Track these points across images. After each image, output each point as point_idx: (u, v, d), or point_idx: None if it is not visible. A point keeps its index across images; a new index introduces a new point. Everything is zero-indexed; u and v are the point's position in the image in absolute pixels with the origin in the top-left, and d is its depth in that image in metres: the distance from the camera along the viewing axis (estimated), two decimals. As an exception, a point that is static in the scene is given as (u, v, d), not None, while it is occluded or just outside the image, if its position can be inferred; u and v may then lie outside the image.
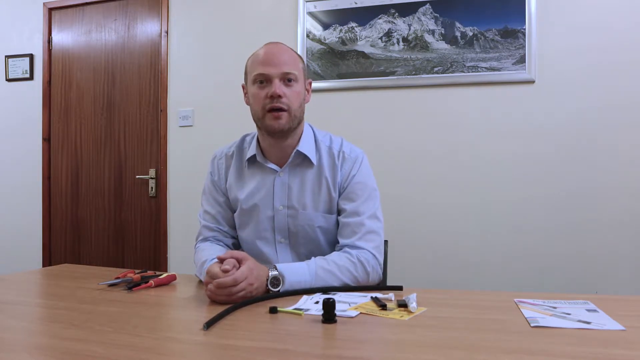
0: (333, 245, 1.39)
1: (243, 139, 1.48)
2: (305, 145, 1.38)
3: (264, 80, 1.30)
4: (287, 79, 1.30)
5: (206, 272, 1.13)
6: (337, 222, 1.38)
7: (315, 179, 1.38)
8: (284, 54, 1.31)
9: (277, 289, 1.14)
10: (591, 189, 2.41)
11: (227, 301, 1.07)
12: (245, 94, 1.38)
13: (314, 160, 1.37)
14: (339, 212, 1.37)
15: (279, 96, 1.27)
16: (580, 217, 2.42)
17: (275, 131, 1.31)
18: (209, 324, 0.90)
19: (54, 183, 3.39)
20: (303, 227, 1.37)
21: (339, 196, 1.38)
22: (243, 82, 1.40)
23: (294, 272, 1.18)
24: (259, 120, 1.34)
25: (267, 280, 1.14)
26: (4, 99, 3.47)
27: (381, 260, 1.33)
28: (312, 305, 1.05)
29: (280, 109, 1.29)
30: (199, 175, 3.03)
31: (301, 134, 1.39)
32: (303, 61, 1.38)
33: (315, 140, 1.42)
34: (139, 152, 3.20)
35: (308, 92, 1.39)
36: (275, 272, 1.16)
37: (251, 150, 1.41)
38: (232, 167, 1.44)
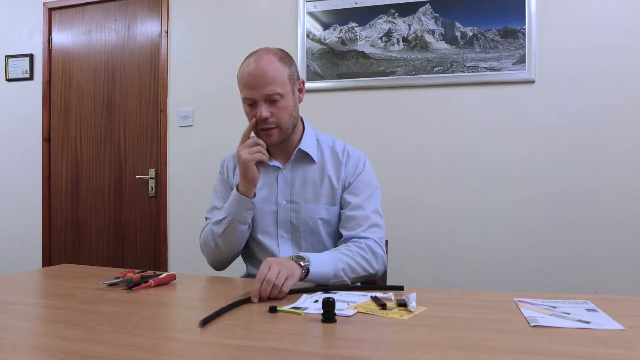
0: (334, 237, 1.43)
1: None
2: (307, 144, 1.43)
3: (251, 102, 1.34)
4: (271, 99, 1.32)
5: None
6: (339, 215, 1.42)
7: (317, 174, 1.43)
8: (266, 71, 1.30)
9: (305, 264, 1.17)
10: (591, 189, 2.41)
11: (277, 295, 1.09)
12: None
13: (315, 157, 1.43)
14: (343, 206, 1.41)
15: (266, 118, 1.32)
16: (580, 217, 2.42)
17: (270, 146, 1.38)
18: (205, 322, 0.91)
19: (54, 183, 3.39)
20: (305, 219, 1.41)
21: (344, 190, 1.42)
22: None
23: (318, 259, 1.22)
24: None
25: (292, 259, 1.18)
26: (4, 99, 3.47)
27: (385, 251, 1.38)
28: (311, 304, 1.05)
29: (270, 128, 1.34)
30: (199, 175, 3.07)
31: (302, 133, 1.44)
32: (290, 66, 1.36)
33: (318, 140, 1.47)
34: (139, 152, 3.20)
35: (301, 91, 1.41)
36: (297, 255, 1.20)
37: None
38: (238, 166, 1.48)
